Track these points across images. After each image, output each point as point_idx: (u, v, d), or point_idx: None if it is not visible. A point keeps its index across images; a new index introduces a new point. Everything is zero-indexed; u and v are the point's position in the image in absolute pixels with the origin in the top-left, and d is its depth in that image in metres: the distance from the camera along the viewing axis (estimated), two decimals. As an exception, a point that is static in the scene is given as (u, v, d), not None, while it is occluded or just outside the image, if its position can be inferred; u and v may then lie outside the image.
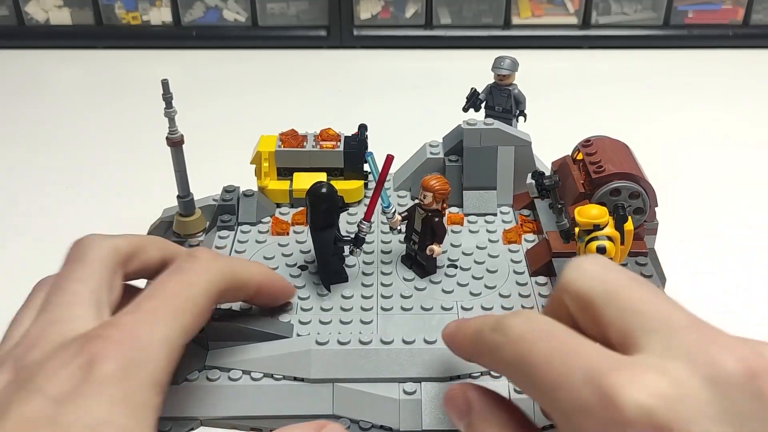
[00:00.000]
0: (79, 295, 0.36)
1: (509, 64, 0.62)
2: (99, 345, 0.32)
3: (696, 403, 0.25)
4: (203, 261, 0.38)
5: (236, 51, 1.24)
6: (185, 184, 0.57)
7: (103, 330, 0.33)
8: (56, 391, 0.30)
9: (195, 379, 0.43)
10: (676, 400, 0.25)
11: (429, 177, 0.48)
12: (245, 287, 0.42)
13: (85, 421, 0.29)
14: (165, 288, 0.36)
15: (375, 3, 1.25)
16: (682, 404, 0.25)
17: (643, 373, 0.26)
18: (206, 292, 0.37)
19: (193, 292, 0.37)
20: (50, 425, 0.29)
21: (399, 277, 0.51)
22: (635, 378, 0.26)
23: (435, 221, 0.49)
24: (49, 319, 0.35)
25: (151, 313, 0.34)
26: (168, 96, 0.52)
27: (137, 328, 0.33)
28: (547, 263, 0.50)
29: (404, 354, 0.44)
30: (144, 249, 0.41)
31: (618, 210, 0.43)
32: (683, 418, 0.25)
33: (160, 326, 0.34)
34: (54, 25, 1.26)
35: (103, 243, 0.39)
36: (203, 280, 0.38)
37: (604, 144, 0.55)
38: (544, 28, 1.25)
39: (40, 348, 0.33)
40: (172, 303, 0.35)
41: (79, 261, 0.38)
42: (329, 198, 0.46)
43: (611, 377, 0.26)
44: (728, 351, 0.27)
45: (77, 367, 0.31)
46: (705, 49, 1.23)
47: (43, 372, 0.31)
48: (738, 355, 0.26)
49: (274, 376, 0.44)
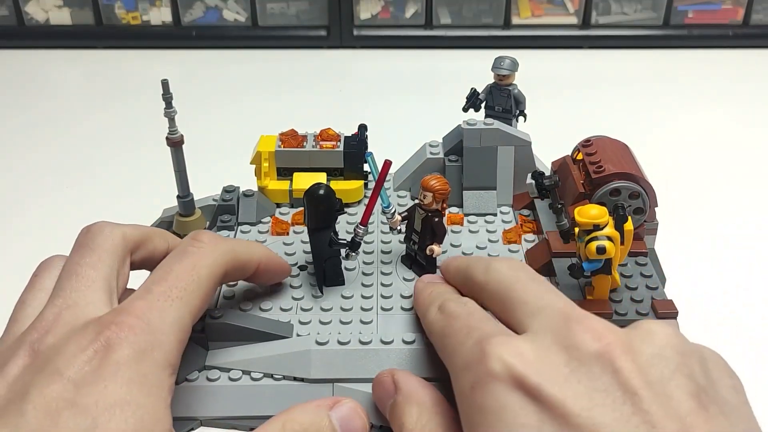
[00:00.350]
0: (92, 281, 0.37)
1: (509, 64, 0.62)
2: (114, 330, 0.33)
3: (551, 364, 0.30)
4: (206, 244, 0.40)
5: (236, 51, 1.24)
6: (185, 184, 0.56)
7: (117, 316, 0.34)
8: (75, 374, 0.32)
9: (195, 379, 0.43)
10: (534, 360, 0.31)
11: (429, 177, 0.48)
12: (247, 266, 0.43)
13: (104, 401, 0.31)
14: (172, 271, 0.38)
15: (375, 3, 1.25)
16: (539, 364, 0.30)
17: (515, 340, 0.32)
18: (211, 275, 0.39)
19: (199, 274, 0.38)
20: (70, 406, 0.31)
21: (399, 277, 0.51)
22: (506, 342, 0.32)
23: (435, 221, 0.49)
24: (63, 303, 0.36)
25: (161, 298, 0.36)
26: (168, 96, 0.52)
27: (149, 312, 0.35)
28: (547, 263, 0.50)
29: (404, 354, 0.44)
30: (151, 239, 0.42)
31: (618, 210, 0.43)
32: (537, 373, 0.30)
33: (170, 310, 0.36)
34: (54, 25, 1.26)
35: (114, 230, 0.40)
36: (208, 263, 0.39)
37: (604, 144, 0.55)
38: (544, 28, 1.25)
39: (55, 332, 0.34)
40: (180, 286, 0.37)
41: (90, 247, 0.39)
42: (326, 200, 0.46)
43: (491, 341, 0.32)
44: (590, 330, 0.31)
45: (94, 351, 0.32)
46: (705, 49, 1.24)
47: (60, 356, 0.32)
48: (597, 333, 0.31)
49: (274, 377, 0.44)
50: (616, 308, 0.45)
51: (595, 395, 0.29)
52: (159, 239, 0.43)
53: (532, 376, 0.30)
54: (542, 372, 0.30)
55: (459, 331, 0.35)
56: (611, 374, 0.30)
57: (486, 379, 0.31)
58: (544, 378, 0.30)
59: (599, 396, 0.29)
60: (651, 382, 0.30)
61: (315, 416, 0.37)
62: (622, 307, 0.45)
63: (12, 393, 0.32)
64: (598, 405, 0.29)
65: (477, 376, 0.32)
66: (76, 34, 1.25)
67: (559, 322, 0.32)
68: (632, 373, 0.30)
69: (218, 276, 0.40)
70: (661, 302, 0.45)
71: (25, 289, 0.39)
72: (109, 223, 0.41)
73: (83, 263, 0.38)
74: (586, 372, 0.30)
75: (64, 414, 0.30)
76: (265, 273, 0.45)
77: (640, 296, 0.46)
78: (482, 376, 0.31)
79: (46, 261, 0.41)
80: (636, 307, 0.45)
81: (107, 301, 0.37)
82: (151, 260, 0.42)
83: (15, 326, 0.37)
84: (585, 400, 0.29)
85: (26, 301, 0.38)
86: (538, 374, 0.30)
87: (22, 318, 0.37)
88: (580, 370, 0.30)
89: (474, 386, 0.32)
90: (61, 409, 0.31)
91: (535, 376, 0.30)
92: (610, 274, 0.44)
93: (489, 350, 0.32)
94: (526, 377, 0.30)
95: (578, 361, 0.30)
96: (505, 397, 0.30)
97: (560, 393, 0.29)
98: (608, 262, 0.43)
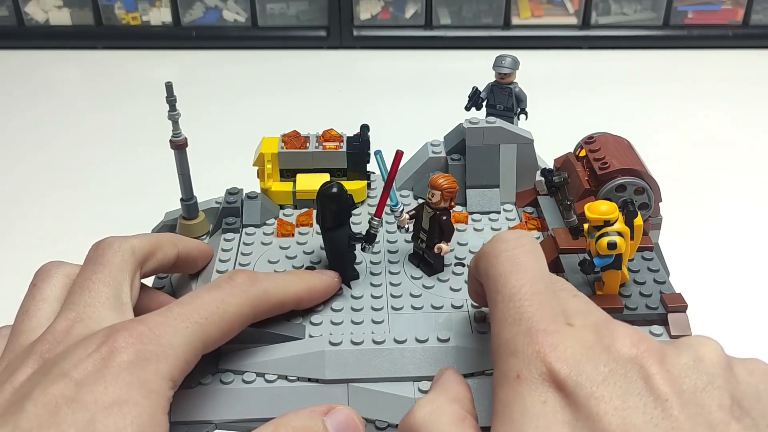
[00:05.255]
0: (103, 296, 0.38)
1: (510, 62, 0.62)
2: (123, 335, 0.34)
3: (592, 362, 0.32)
4: (239, 284, 0.41)
5: (236, 51, 1.24)
6: (189, 187, 0.56)
7: (129, 323, 0.35)
8: (78, 375, 0.32)
9: (209, 382, 0.43)
10: (580, 360, 0.32)
11: (437, 175, 0.48)
12: (282, 306, 0.44)
13: (103, 400, 0.32)
14: (198, 298, 0.38)
15: (375, 3, 1.25)
16: (584, 363, 0.32)
17: (564, 339, 0.33)
18: (237, 313, 0.40)
19: (224, 309, 0.39)
20: (71, 403, 0.31)
21: (407, 276, 0.51)
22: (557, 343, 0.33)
23: (443, 219, 0.49)
24: (76, 317, 0.37)
25: (179, 318, 0.37)
26: (171, 99, 0.52)
27: (162, 327, 0.35)
28: (555, 260, 0.50)
29: (418, 353, 0.44)
30: (160, 248, 0.43)
31: (628, 206, 0.43)
32: (578, 374, 0.31)
33: (184, 331, 0.36)
34: (54, 26, 1.25)
35: (123, 245, 0.41)
36: (236, 302, 0.40)
37: (607, 140, 0.55)
38: (544, 28, 1.25)
39: (66, 344, 0.35)
40: (202, 314, 0.37)
41: (99, 263, 0.40)
42: (340, 198, 0.46)
43: (542, 338, 0.33)
44: (629, 336, 0.33)
45: (99, 354, 0.33)
46: (705, 50, 1.24)
47: (68, 359, 0.33)
48: (634, 340, 0.32)
49: (288, 378, 0.43)
50: (626, 303, 0.45)
51: (629, 398, 0.30)
52: (168, 246, 0.44)
53: (573, 377, 0.31)
54: (583, 372, 0.31)
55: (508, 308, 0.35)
56: (644, 380, 0.31)
57: (532, 375, 0.32)
58: (584, 378, 0.31)
59: (633, 399, 0.30)
60: (682, 391, 0.31)
61: (309, 421, 0.37)
62: (632, 301, 0.45)
63: (17, 396, 0.32)
64: (630, 407, 0.30)
65: (524, 367, 0.33)
66: (76, 34, 1.25)
67: (600, 323, 0.34)
68: (664, 380, 0.31)
69: (245, 316, 0.40)
70: (670, 296, 0.45)
71: (26, 298, 0.40)
72: (118, 237, 0.42)
73: (95, 279, 0.39)
74: (623, 374, 0.31)
75: (63, 410, 0.31)
76: (308, 303, 0.46)
77: (649, 290, 0.46)
78: (530, 371, 0.32)
79: (44, 269, 0.41)
80: (645, 301, 0.45)
81: (118, 317, 0.38)
82: (162, 268, 0.44)
83: (21, 337, 0.37)
84: (619, 401, 0.30)
85: (29, 311, 0.39)
86: (579, 374, 0.31)
87: (27, 330, 0.37)
88: (617, 371, 0.31)
89: (520, 376, 0.33)
90: (61, 405, 0.31)
91: (576, 376, 0.31)
92: (621, 269, 0.44)
93: (540, 350, 0.32)
94: (568, 378, 0.31)
95: (616, 363, 0.32)
96: (546, 394, 0.32)
97: (597, 392, 0.31)
98: (618, 258, 0.43)
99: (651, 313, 0.45)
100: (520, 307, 0.35)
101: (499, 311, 0.35)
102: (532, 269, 0.36)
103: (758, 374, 0.33)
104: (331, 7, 1.22)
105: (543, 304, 0.35)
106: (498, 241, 0.38)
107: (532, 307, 0.35)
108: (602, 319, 0.35)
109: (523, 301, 0.35)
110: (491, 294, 0.37)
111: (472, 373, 0.43)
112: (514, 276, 0.36)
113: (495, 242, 0.38)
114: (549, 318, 0.34)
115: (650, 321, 0.45)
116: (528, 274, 0.36)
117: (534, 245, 0.38)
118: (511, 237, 0.38)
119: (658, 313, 0.45)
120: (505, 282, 0.36)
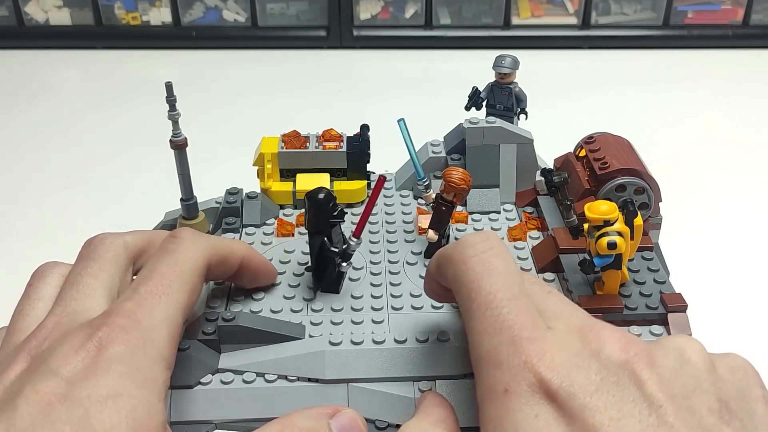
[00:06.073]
0: (92, 289, 0.38)
1: (510, 62, 0.62)
2: (106, 331, 0.34)
3: (583, 371, 0.31)
4: (186, 240, 0.41)
5: (236, 51, 1.24)
6: (189, 187, 0.56)
7: (107, 318, 0.35)
8: (68, 372, 0.32)
9: (208, 382, 0.43)
10: (569, 369, 0.31)
11: (451, 168, 0.50)
12: (228, 261, 0.44)
13: (96, 394, 0.31)
14: (155, 269, 0.38)
15: (375, 3, 1.25)
16: (574, 373, 0.31)
17: (550, 346, 0.32)
18: (193, 268, 0.39)
19: (182, 269, 0.39)
20: (64, 400, 0.31)
21: (407, 276, 0.51)
22: (543, 350, 0.32)
23: (443, 210, 0.50)
24: (62, 312, 0.36)
25: (148, 296, 0.36)
26: (172, 99, 0.52)
27: (138, 311, 0.35)
28: (555, 260, 0.50)
29: (418, 353, 0.44)
30: (153, 244, 0.43)
31: (628, 205, 0.43)
32: (570, 384, 0.30)
33: (158, 307, 0.36)
34: (54, 26, 1.25)
35: (115, 240, 0.41)
36: (188, 257, 0.40)
37: (607, 140, 0.55)
38: (543, 28, 1.25)
39: (52, 339, 0.35)
40: (165, 283, 0.37)
41: (91, 258, 0.40)
42: (319, 205, 0.46)
43: (527, 346, 0.32)
44: (616, 340, 0.32)
45: (86, 351, 0.33)
46: (704, 50, 1.24)
47: (54, 357, 0.33)
48: (623, 344, 0.32)
49: (288, 378, 0.43)
50: (626, 303, 0.45)
51: (623, 406, 0.30)
52: (161, 242, 0.43)
53: (565, 387, 0.30)
54: (574, 381, 0.31)
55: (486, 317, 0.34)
56: (637, 385, 0.30)
57: (521, 387, 0.31)
58: (576, 388, 0.30)
59: (627, 407, 0.30)
60: (674, 396, 0.30)
61: (315, 423, 0.36)
62: (632, 301, 0.45)
63: (8, 394, 0.32)
64: (626, 416, 0.29)
65: (512, 379, 0.31)
66: (76, 34, 1.25)
67: (584, 326, 0.33)
68: (656, 384, 0.30)
69: (201, 269, 0.40)
70: (670, 296, 0.45)
71: (22, 297, 0.39)
72: (111, 233, 0.42)
73: (84, 273, 0.39)
74: (615, 382, 0.30)
75: (56, 407, 0.31)
76: (249, 271, 0.46)
77: (649, 290, 0.46)
78: (519, 383, 0.31)
79: (41, 269, 0.41)
80: (645, 301, 0.45)
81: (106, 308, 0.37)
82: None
83: (14, 336, 0.37)
84: (614, 411, 0.30)
85: (24, 310, 0.38)
86: (571, 384, 0.30)
87: (21, 328, 0.37)
88: (609, 379, 0.31)
89: (509, 390, 0.31)
90: (54, 403, 0.31)
91: (568, 386, 0.30)
92: (621, 269, 0.44)
93: (527, 360, 0.31)
94: (560, 388, 0.30)
95: (607, 370, 0.31)
96: (538, 406, 0.31)
97: (591, 402, 0.30)
98: (619, 257, 0.43)
99: (651, 313, 0.45)
100: (499, 315, 0.33)
101: (476, 321, 0.34)
102: (504, 272, 0.35)
103: (739, 372, 0.33)
104: (331, 7, 1.22)
105: (521, 309, 0.33)
106: (465, 245, 0.36)
107: (512, 314, 0.33)
108: (585, 322, 0.34)
109: (501, 308, 0.33)
110: (464, 302, 0.35)
111: (472, 373, 0.43)
112: (486, 281, 0.35)
113: (462, 246, 0.36)
114: (530, 324, 0.33)
115: (650, 321, 0.45)
116: (501, 278, 0.35)
117: (502, 246, 0.36)
118: (477, 240, 0.36)
119: (658, 313, 0.45)
120: (479, 289, 0.35)
